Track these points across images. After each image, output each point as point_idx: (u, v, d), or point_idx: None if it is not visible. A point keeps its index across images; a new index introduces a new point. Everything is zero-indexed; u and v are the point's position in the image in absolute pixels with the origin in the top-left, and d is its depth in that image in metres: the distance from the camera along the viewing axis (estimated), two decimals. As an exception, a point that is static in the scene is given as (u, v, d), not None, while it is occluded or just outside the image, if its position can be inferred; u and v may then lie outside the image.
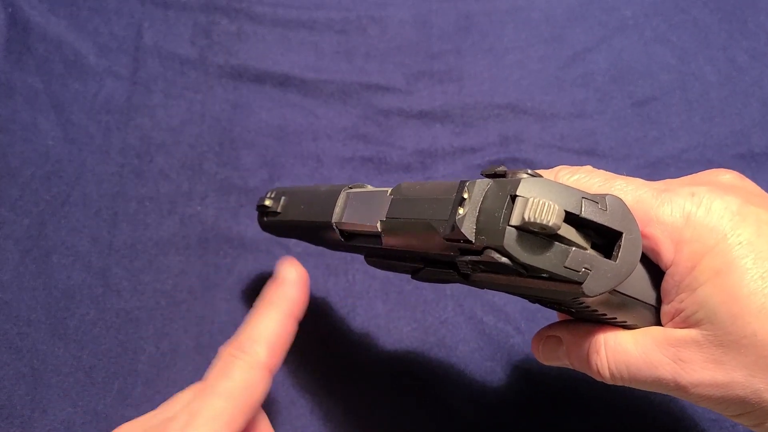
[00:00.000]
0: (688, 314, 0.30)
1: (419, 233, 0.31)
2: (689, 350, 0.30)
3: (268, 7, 0.69)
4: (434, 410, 0.50)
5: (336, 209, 0.39)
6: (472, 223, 0.28)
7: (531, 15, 0.69)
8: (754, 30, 0.66)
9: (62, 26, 0.67)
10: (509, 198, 0.27)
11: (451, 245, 0.29)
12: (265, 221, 0.48)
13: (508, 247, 0.26)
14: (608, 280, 0.27)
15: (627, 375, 0.32)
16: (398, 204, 0.34)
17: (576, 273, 0.27)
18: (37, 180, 0.59)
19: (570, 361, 0.35)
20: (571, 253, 0.27)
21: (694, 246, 0.29)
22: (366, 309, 0.54)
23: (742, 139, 0.61)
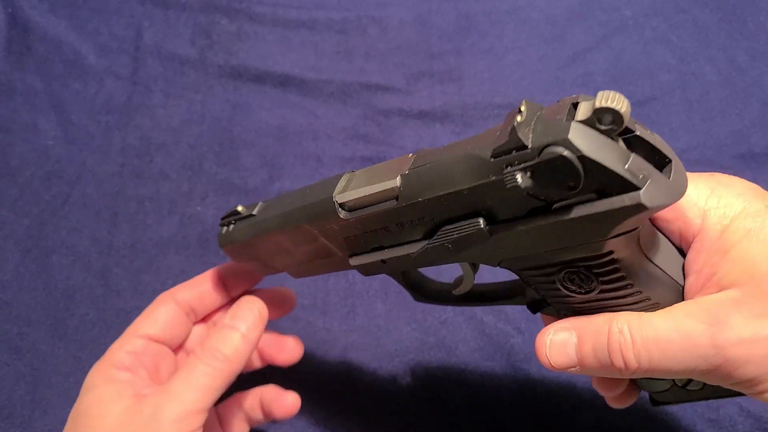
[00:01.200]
0: (722, 276, 0.30)
1: (455, 169, 0.30)
2: (727, 309, 0.29)
3: (268, 7, 0.69)
4: (434, 410, 0.50)
5: (338, 187, 0.36)
6: (528, 130, 0.27)
7: (531, 15, 0.68)
8: (754, 30, 0.66)
9: (62, 26, 0.67)
10: (570, 105, 0.27)
11: (498, 162, 0.28)
12: (231, 231, 0.42)
13: (573, 139, 0.25)
14: (664, 195, 0.27)
15: (656, 353, 0.29)
16: (424, 156, 0.33)
17: (636, 177, 0.26)
18: (37, 180, 0.59)
19: (582, 356, 0.32)
20: (631, 158, 0.26)
21: (722, 211, 0.30)
22: (366, 309, 0.54)
23: (742, 139, 0.61)
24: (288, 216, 0.38)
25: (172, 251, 0.57)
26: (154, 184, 0.60)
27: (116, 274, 0.55)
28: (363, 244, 0.36)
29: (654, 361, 0.30)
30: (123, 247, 0.56)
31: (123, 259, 0.56)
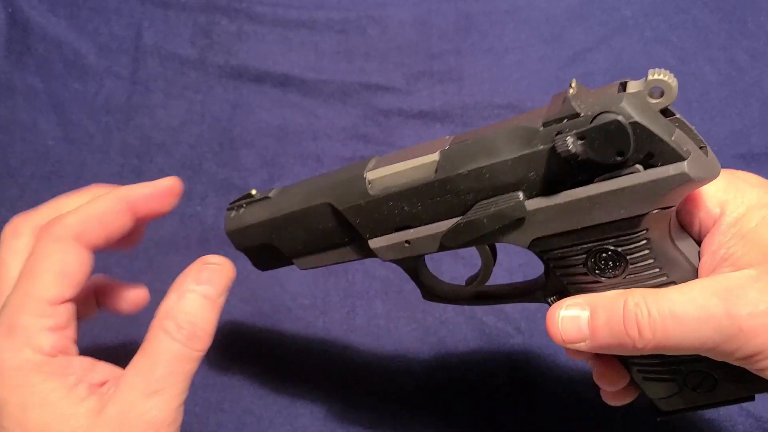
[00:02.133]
0: (739, 256, 0.31)
1: (501, 140, 0.31)
2: (744, 285, 0.30)
3: (268, 7, 0.69)
4: (434, 410, 0.50)
5: (368, 167, 0.35)
6: (580, 101, 0.29)
7: (531, 15, 0.68)
8: (754, 30, 0.66)
9: (62, 26, 0.67)
10: (619, 84, 0.29)
11: (549, 130, 0.29)
12: (240, 214, 0.41)
13: (626, 106, 0.27)
14: (704, 169, 0.29)
15: (671, 324, 0.30)
16: (466, 134, 0.34)
17: (681, 148, 0.28)
18: (37, 180, 0.59)
19: (594, 329, 0.32)
20: (676, 131, 0.28)
21: (739, 200, 0.32)
22: (366, 309, 0.54)
23: (742, 139, 0.61)
24: (311, 195, 0.37)
25: (172, 251, 0.57)
26: (154, 184, 0.60)
27: (116, 274, 0.55)
28: (387, 225, 0.35)
29: (669, 332, 0.30)
30: (123, 247, 0.56)
31: (123, 259, 0.56)
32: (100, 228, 0.36)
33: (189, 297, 0.35)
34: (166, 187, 0.39)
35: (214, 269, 0.37)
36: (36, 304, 0.33)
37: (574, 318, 0.33)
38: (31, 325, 0.32)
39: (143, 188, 0.39)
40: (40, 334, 0.32)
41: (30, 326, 0.32)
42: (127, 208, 0.38)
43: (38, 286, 0.33)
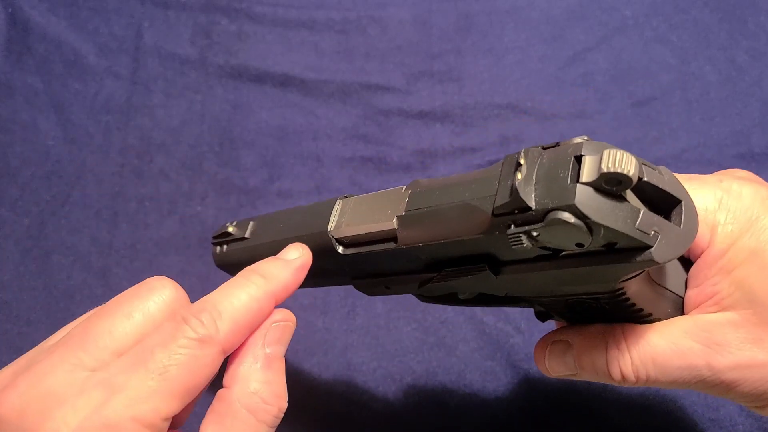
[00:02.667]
0: (723, 296, 0.30)
1: (454, 219, 0.29)
2: (724, 332, 0.29)
3: (268, 7, 0.69)
4: (434, 410, 0.50)
5: (332, 218, 0.35)
6: (531, 189, 0.26)
7: (531, 15, 0.68)
8: (754, 30, 0.66)
9: (62, 26, 0.67)
10: (573, 159, 0.25)
11: (500, 221, 0.27)
12: (225, 251, 0.41)
13: (580, 205, 0.24)
14: (676, 246, 0.26)
15: (653, 370, 0.30)
16: (420, 196, 0.31)
17: (647, 236, 0.25)
18: (37, 180, 0.59)
19: (580, 367, 0.33)
20: (641, 214, 0.25)
21: (729, 228, 0.29)
22: (366, 309, 0.54)
23: (742, 139, 0.61)
24: (282, 245, 0.36)
25: (172, 251, 0.57)
26: (154, 184, 0.60)
27: (116, 274, 0.55)
28: (364, 271, 0.36)
29: (651, 376, 0.30)
30: (123, 247, 0.56)
31: (123, 259, 0.56)
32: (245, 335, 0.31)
33: (268, 363, 0.31)
34: (304, 263, 0.34)
35: (285, 328, 0.33)
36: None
37: (561, 354, 0.34)
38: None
39: (288, 280, 0.32)
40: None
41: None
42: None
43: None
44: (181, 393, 0.27)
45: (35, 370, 0.27)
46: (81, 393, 0.26)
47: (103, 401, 0.26)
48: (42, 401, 0.26)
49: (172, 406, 0.27)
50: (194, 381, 0.28)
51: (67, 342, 0.28)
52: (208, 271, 0.56)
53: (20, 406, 0.26)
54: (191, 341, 0.28)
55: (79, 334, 0.29)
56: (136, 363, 0.27)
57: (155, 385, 0.27)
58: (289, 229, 0.37)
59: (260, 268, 0.32)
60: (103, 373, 0.27)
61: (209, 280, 0.55)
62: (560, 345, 0.34)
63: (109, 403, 0.26)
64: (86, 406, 0.26)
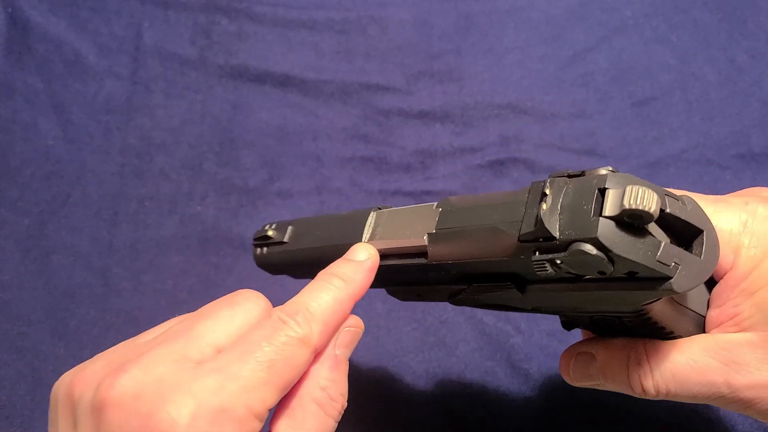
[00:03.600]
0: (744, 317, 0.31)
1: (481, 240, 0.30)
2: (743, 352, 0.30)
3: (268, 7, 0.69)
4: (434, 410, 0.50)
5: (366, 229, 0.36)
6: (555, 219, 0.27)
7: (531, 15, 0.68)
8: (754, 30, 0.66)
9: (62, 26, 0.67)
10: (597, 191, 0.26)
11: (525, 246, 0.28)
12: (265, 253, 0.43)
13: (603, 238, 0.25)
14: (695, 277, 0.27)
15: (673, 385, 0.31)
16: (450, 215, 0.33)
17: (667, 267, 0.26)
18: (37, 180, 0.59)
19: (604, 378, 0.34)
20: (662, 247, 0.26)
21: (752, 251, 0.30)
22: (366, 309, 0.54)
23: (742, 139, 0.61)
24: (319, 252, 0.39)
25: (172, 251, 0.57)
26: (154, 184, 0.60)
27: (116, 274, 0.55)
28: (396, 280, 0.37)
29: (671, 391, 0.31)
30: (123, 247, 0.56)
31: (123, 259, 0.56)
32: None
33: (337, 363, 0.33)
34: (374, 264, 0.35)
35: (355, 333, 0.34)
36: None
37: (584, 367, 0.35)
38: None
39: (364, 282, 0.34)
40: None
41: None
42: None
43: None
44: (282, 387, 0.29)
45: (144, 359, 0.28)
46: (195, 379, 0.27)
47: (219, 387, 0.27)
48: (157, 385, 0.27)
49: (274, 399, 0.28)
50: (292, 377, 0.29)
51: (171, 337, 0.30)
52: (208, 271, 0.56)
53: (134, 390, 0.27)
54: (292, 339, 0.29)
55: (182, 331, 0.30)
56: (245, 354, 0.28)
57: (265, 376, 0.28)
58: (326, 237, 0.39)
59: (338, 271, 0.33)
60: (213, 363, 0.28)
61: (209, 280, 0.55)
62: (584, 357, 0.35)
63: (224, 389, 0.27)
64: (202, 390, 0.27)
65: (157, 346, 0.29)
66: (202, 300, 0.54)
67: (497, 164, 0.61)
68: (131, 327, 0.53)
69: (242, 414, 0.27)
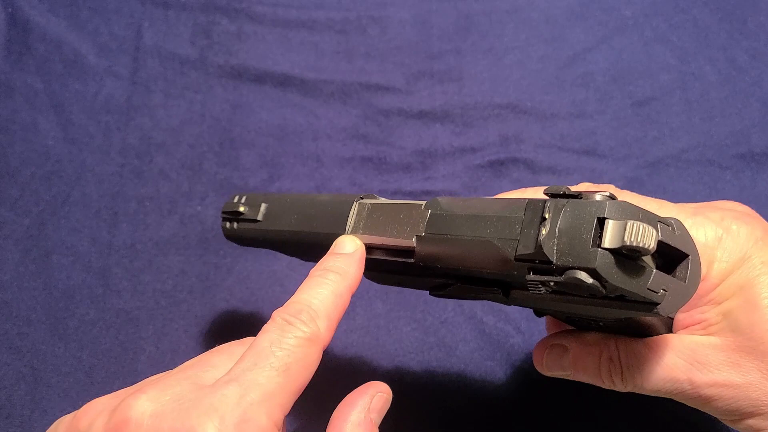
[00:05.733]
0: (710, 323, 0.33)
1: (474, 252, 0.31)
2: (707, 353, 0.33)
3: (268, 7, 0.69)
4: (434, 410, 0.50)
5: (349, 220, 0.36)
6: (552, 244, 0.27)
7: (531, 15, 0.68)
8: (754, 30, 0.66)
9: (62, 26, 0.67)
10: (596, 220, 0.27)
11: (520, 265, 0.29)
12: (235, 228, 0.43)
13: (600, 269, 0.26)
14: (678, 301, 0.28)
15: (640, 380, 0.34)
16: (439, 219, 0.33)
17: (655, 294, 0.27)
18: (37, 180, 0.59)
19: (575, 370, 0.37)
20: (653, 276, 0.27)
21: (723, 265, 0.33)
22: (366, 309, 0.54)
23: (742, 139, 0.61)
24: (297, 236, 0.38)
25: (172, 251, 0.57)
26: (154, 184, 0.60)
27: (116, 274, 0.55)
28: (378, 269, 0.37)
29: (638, 385, 0.34)
30: (123, 247, 0.56)
31: (123, 259, 0.56)
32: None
33: (369, 427, 0.33)
34: (362, 256, 0.35)
35: (387, 399, 0.36)
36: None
37: (557, 358, 0.37)
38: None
39: (357, 274, 0.35)
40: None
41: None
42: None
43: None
44: (297, 390, 0.29)
45: (160, 382, 0.28)
46: (215, 392, 0.27)
47: (240, 397, 0.27)
48: (176, 403, 0.27)
49: (290, 403, 0.29)
50: (306, 377, 0.30)
51: (182, 368, 0.30)
52: (208, 271, 0.56)
53: (154, 409, 0.27)
54: (301, 339, 0.30)
55: (194, 362, 0.31)
56: (259, 362, 0.28)
57: (282, 381, 0.28)
58: (304, 222, 0.38)
59: (332, 266, 0.34)
60: (228, 375, 0.28)
61: (209, 279, 0.55)
62: (558, 348, 0.38)
63: (245, 399, 0.27)
64: (223, 403, 0.26)
65: (170, 375, 0.29)
66: (202, 300, 0.55)
67: (497, 164, 0.61)
68: (131, 327, 0.53)
69: (264, 423, 0.27)
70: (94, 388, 0.50)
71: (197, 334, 0.53)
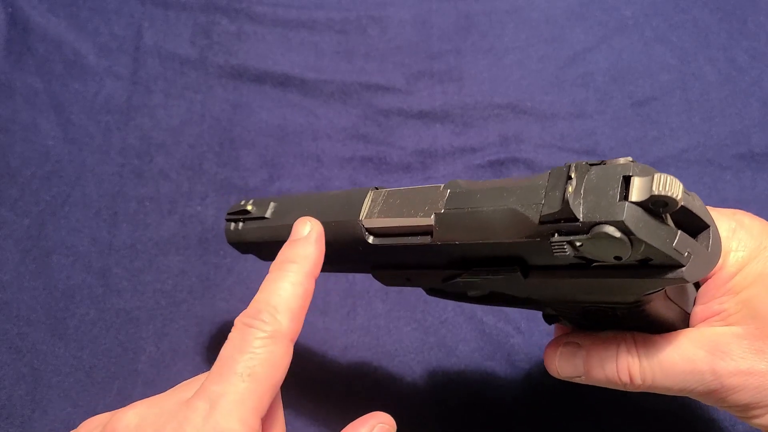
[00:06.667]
0: (730, 313, 0.33)
1: (496, 222, 0.30)
2: (728, 342, 0.32)
3: (268, 7, 0.69)
4: (434, 410, 0.50)
5: (363, 208, 0.35)
6: (579, 203, 0.27)
7: (531, 15, 0.68)
8: (754, 30, 0.66)
9: (62, 26, 0.67)
10: (622, 178, 0.27)
11: (545, 228, 0.28)
12: (240, 229, 0.42)
13: (628, 222, 0.26)
14: (702, 268, 0.28)
15: (659, 373, 0.33)
16: (460, 196, 0.32)
17: (681, 255, 0.27)
18: (37, 180, 0.59)
19: (588, 369, 0.35)
20: (678, 235, 0.27)
21: (739, 254, 0.33)
22: (366, 309, 0.54)
23: (742, 139, 0.61)
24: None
25: (172, 251, 0.57)
26: (154, 184, 0.60)
27: (116, 274, 0.55)
28: (388, 263, 0.37)
29: (657, 380, 0.33)
30: (123, 247, 0.56)
31: (123, 259, 0.56)
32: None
33: None
34: (319, 234, 0.35)
35: (389, 430, 0.37)
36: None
37: (570, 357, 0.36)
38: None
39: (316, 255, 0.35)
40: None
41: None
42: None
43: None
44: (269, 389, 0.30)
45: (152, 399, 0.31)
46: (188, 406, 0.29)
47: (210, 409, 0.28)
48: (156, 417, 0.29)
49: (264, 404, 0.30)
50: (277, 375, 0.31)
51: (177, 386, 0.32)
52: (208, 271, 0.56)
53: (136, 423, 0.29)
54: (264, 340, 0.30)
55: (187, 381, 0.33)
56: (223, 372, 0.29)
57: (248, 386, 0.29)
58: (317, 213, 0.37)
59: (287, 255, 0.34)
60: (199, 390, 0.29)
61: (209, 279, 0.55)
62: (571, 346, 0.36)
63: (215, 410, 0.28)
64: (195, 416, 0.28)
65: (164, 394, 0.31)
66: (202, 300, 0.55)
67: (497, 164, 0.61)
68: (131, 327, 0.53)
69: (239, 430, 0.28)
70: (94, 388, 0.50)
71: (197, 334, 0.53)
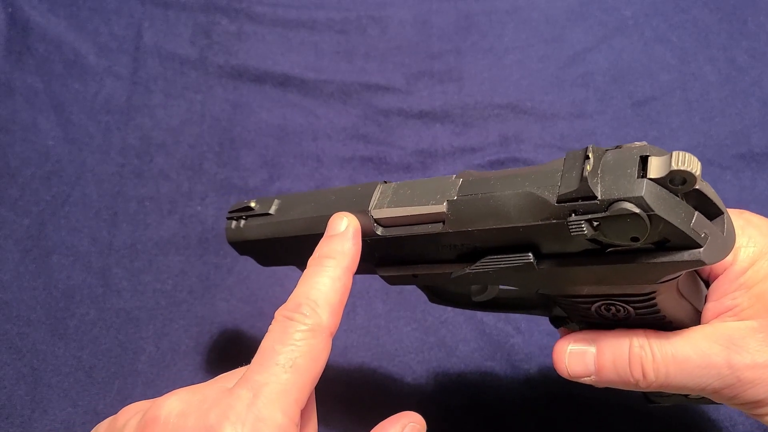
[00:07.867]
0: (743, 308, 0.32)
1: (511, 206, 0.30)
2: (743, 336, 0.31)
3: (268, 7, 0.69)
4: (434, 410, 0.50)
5: (372, 200, 0.35)
6: (596, 182, 0.27)
7: (531, 15, 0.68)
8: (754, 30, 0.66)
9: (62, 26, 0.67)
10: (639, 159, 0.27)
11: (562, 208, 0.28)
12: (241, 227, 0.41)
13: (647, 197, 0.26)
14: (719, 251, 0.28)
15: (674, 370, 0.32)
16: (473, 184, 0.32)
17: (699, 236, 0.27)
18: (37, 180, 0.59)
19: (600, 367, 0.34)
20: (695, 216, 0.27)
21: (750, 250, 0.33)
22: (366, 309, 0.54)
23: (742, 139, 0.61)
24: (315, 222, 0.37)
25: (172, 251, 0.57)
26: (154, 184, 0.60)
27: (116, 274, 0.55)
28: (394, 258, 0.36)
29: (671, 376, 0.32)
30: (123, 247, 0.56)
31: (123, 259, 0.56)
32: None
33: None
34: (356, 230, 0.35)
35: (420, 430, 0.38)
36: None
37: (581, 355, 0.35)
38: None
39: (354, 251, 0.34)
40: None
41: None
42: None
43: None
44: (309, 382, 0.30)
45: (194, 386, 0.30)
46: (231, 394, 0.29)
47: (253, 398, 0.28)
48: (200, 404, 0.29)
49: (304, 396, 0.30)
50: (317, 368, 0.31)
51: (219, 376, 0.32)
52: (208, 271, 0.56)
53: (180, 408, 0.29)
54: (305, 332, 0.30)
55: (229, 372, 0.32)
56: (264, 363, 0.30)
57: (290, 377, 0.29)
58: (324, 207, 0.37)
59: (325, 251, 0.34)
60: (242, 379, 0.29)
61: (209, 279, 0.55)
62: (582, 344, 0.35)
63: (258, 399, 0.28)
64: (239, 404, 0.28)
65: (206, 383, 0.31)
66: (202, 300, 0.55)
67: (497, 164, 0.61)
68: (131, 327, 0.53)
69: (281, 420, 0.28)
70: (95, 388, 0.50)
71: (197, 334, 0.53)
